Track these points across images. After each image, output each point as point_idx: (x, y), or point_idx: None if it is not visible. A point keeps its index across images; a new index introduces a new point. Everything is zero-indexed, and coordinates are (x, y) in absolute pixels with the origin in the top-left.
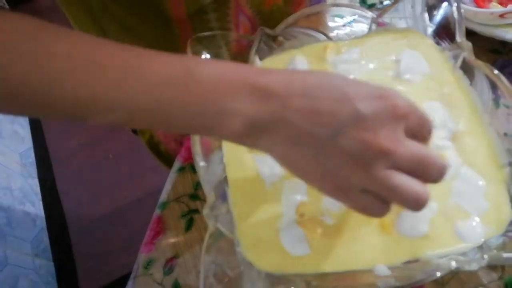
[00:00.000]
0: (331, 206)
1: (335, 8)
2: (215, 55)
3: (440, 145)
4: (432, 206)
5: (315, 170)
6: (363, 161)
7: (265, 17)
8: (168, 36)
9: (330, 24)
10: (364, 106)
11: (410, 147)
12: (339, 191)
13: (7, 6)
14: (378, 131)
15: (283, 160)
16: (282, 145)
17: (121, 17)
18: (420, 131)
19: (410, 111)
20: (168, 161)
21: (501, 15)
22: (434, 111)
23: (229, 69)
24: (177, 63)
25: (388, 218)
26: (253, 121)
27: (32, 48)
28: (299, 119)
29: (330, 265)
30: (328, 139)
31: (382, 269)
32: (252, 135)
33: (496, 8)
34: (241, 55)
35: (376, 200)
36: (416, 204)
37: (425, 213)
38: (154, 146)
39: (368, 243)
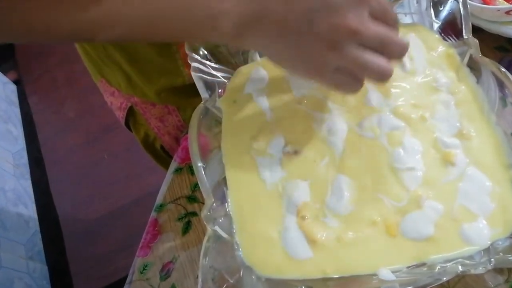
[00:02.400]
0: (334, 207)
1: None
2: (213, 52)
3: (448, 142)
4: (438, 208)
5: (297, 57)
6: (335, 42)
7: None
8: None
9: None
10: None
11: (374, 27)
12: (317, 72)
13: None
14: (346, 15)
15: (270, 53)
16: (268, 39)
17: None
18: (383, 15)
19: None
20: (163, 160)
21: (508, 12)
22: (440, 106)
23: None
24: None
25: (393, 220)
26: (241, 20)
27: None
28: (278, 12)
29: (332, 270)
30: (303, 25)
31: (387, 274)
32: (241, 34)
33: (503, 5)
34: (241, 54)
35: (349, 77)
36: (383, 76)
37: (431, 215)
38: (149, 144)
39: (372, 247)
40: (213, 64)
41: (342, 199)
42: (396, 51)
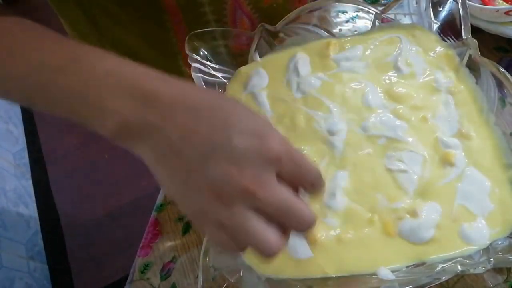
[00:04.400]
0: (334, 207)
1: (338, 3)
2: (213, 53)
3: (448, 142)
4: (437, 209)
5: (178, 189)
6: (223, 194)
7: (264, 15)
8: (160, 30)
9: (333, 20)
10: (239, 139)
11: (274, 191)
12: (196, 217)
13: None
14: (244, 168)
15: (152, 169)
16: (154, 155)
17: (111, 9)
18: (297, 177)
19: (284, 157)
20: None
21: (507, 13)
22: (440, 107)
23: (123, 66)
24: (73, 49)
25: (390, 219)
26: (127, 124)
27: None
28: (174, 134)
29: (332, 269)
30: (195, 161)
31: (386, 273)
32: (125, 137)
33: (502, 5)
34: (241, 55)
35: (230, 239)
36: (266, 252)
37: (429, 221)
38: None
39: (371, 247)
40: (213, 65)
41: (340, 196)
42: (295, 225)
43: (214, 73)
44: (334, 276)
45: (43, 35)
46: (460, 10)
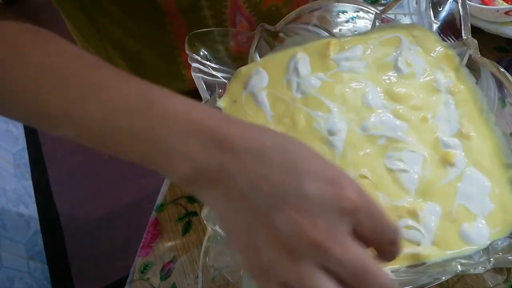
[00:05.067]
0: None
1: (338, 3)
2: (213, 53)
3: (448, 142)
4: (436, 209)
5: (242, 238)
6: (291, 248)
7: (263, 18)
8: (161, 33)
9: (333, 20)
10: (311, 188)
11: (348, 250)
12: (258, 271)
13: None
14: (316, 219)
15: (219, 216)
16: (221, 201)
17: (112, 12)
18: (374, 237)
19: (362, 209)
20: None
21: (507, 13)
22: (441, 107)
23: (192, 108)
24: (142, 90)
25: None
26: (201, 169)
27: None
28: (244, 179)
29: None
30: (265, 210)
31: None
32: (196, 182)
33: (502, 5)
34: (240, 57)
35: None
36: None
37: (429, 219)
38: None
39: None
40: (213, 65)
41: None
42: None
43: (214, 73)
44: None
45: (99, 68)
46: (460, 10)
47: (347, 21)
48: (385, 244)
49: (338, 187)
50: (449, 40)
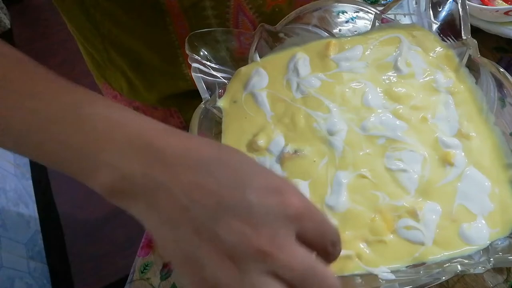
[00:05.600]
0: (334, 207)
1: (337, 4)
2: (214, 53)
3: (448, 142)
4: (436, 209)
5: (179, 254)
6: (236, 258)
7: (266, 19)
8: (162, 33)
9: (333, 20)
10: (254, 197)
11: (295, 254)
12: (200, 284)
13: (2, 5)
14: (260, 228)
15: (152, 230)
16: (155, 216)
17: (113, 12)
18: (317, 240)
19: (306, 214)
20: None
21: (506, 13)
22: (440, 107)
23: (127, 118)
24: (75, 99)
25: (390, 217)
26: (128, 180)
27: None
28: (181, 193)
29: (332, 270)
30: (205, 222)
31: (386, 273)
32: (123, 194)
33: (501, 5)
34: (241, 57)
35: None
36: None
37: (429, 219)
38: None
39: (371, 247)
40: (213, 65)
41: (340, 196)
42: None
43: (214, 73)
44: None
45: (34, 75)
46: (460, 10)
47: (347, 21)
48: (328, 246)
49: (281, 195)
50: (449, 40)
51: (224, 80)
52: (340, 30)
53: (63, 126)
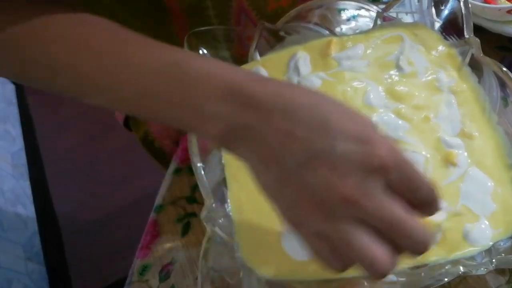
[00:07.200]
0: None
1: (339, 2)
2: (214, 52)
3: (451, 142)
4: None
5: (275, 193)
6: (324, 204)
7: (268, 20)
8: (164, 33)
9: (334, 18)
10: (342, 145)
11: (381, 204)
12: (297, 227)
13: None
14: (348, 176)
15: (254, 174)
16: (255, 159)
17: (114, 10)
18: (406, 191)
19: (392, 167)
20: (162, 159)
21: (509, 11)
22: (443, 106)
23: (219, 68)
24: (168, 54)
25: None
26: (230, 127)
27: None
28: (273, 138)
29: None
30: (294, 167)
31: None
32: (229, 141)
33: (504, 4)
34: (243, 57)
35: (331, 251)
36: (372, 271)
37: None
38: (148, 143)
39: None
40: None
41: None
42: (409, 244)
43: None
44: (335, 278)
45: (126, 36)
46: (462, 8)
47: (348, 20)
48: (416, 202)
49: (369, 145)
50: (451, 39)
51: None
52: (341, 28)
53: (160, 81)
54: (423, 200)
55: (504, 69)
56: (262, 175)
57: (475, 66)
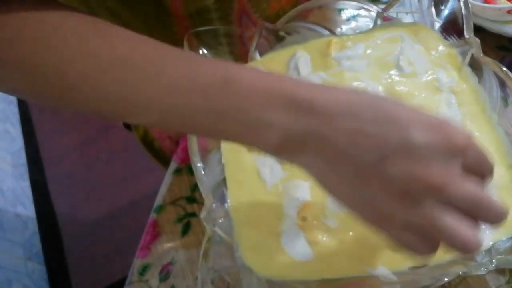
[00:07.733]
0: (335, 208)
1: (339, 2)
2: (214, 52)
3: None
4: None
5: (355, 196)
6: (409, 195)
7: (270, 22)
8: (166, 35)
9: (334, 18)
10: (418, 135)
11: (465, 185)
12: (380, 223)
13: None
14: (429, 164)
15: (321, 180)
16: (320, 164)
17: (117, 12)
18: (478, 169)
19: (469, 146)
20: (162, 159)
21: (509, 11)
22: (443, 106)
23: (268, 78)
24: (215, 68)
25: None
26: (289, 136)
27: (68, 44)
28: (340, 139)
29: (334, 271)
30: (371, 164)
31: (388, 275)
32: (288, 149)
33: (504, 4)
34: (243, 57)
35: (420, 237)
36: (464, 249)
37: None
38: (148, 143)
39: (373, 248)
40: None
41: None
42: (491, 217)
43: None
44: (336, 278)
45: (166, 51)
46: (463, 8)
47: (348, 20)
48: (486, 175)
49: (444, 130)
50: (452, 38)
51: None
52: (341, 28)
53: (209, 96)
54: (489, 171)
55: (504, 69)
56: (331, 178)
57: (475, 66)
